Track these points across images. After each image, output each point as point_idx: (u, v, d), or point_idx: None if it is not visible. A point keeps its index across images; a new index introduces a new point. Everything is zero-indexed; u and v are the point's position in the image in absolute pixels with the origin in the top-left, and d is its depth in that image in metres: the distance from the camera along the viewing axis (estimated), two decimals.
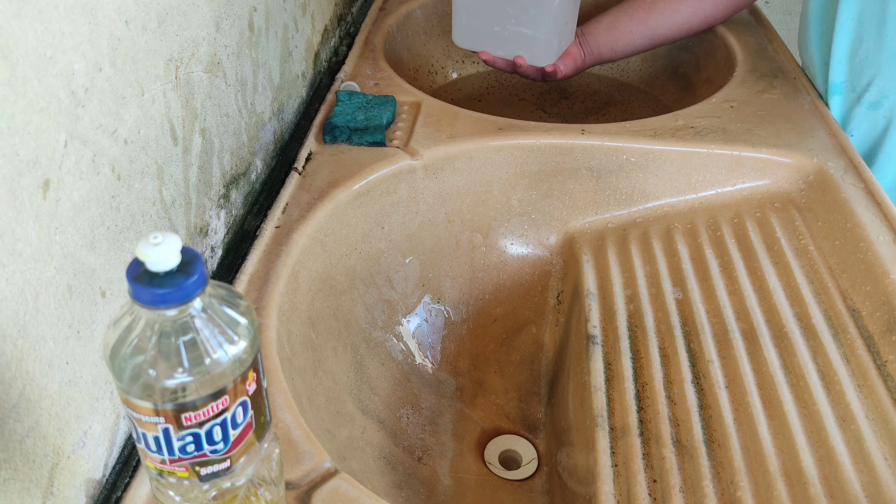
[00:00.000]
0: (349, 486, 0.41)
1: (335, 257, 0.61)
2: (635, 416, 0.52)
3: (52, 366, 0.36)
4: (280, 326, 0.51)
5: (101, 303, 0.40)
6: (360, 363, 0.61)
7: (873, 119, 0.74)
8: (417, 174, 0.66)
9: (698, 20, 0.83)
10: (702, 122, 0.71)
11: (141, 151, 0.43)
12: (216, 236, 0.55)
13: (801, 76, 0.80)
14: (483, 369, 0.70)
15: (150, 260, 0.27)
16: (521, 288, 0.72)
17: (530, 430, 0.65)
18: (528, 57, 0.79)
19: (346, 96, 0.72)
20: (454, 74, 1.00)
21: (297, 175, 0.64)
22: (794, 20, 0.88)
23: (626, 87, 1.00)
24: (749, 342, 0.55)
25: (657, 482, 0.47)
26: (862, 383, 0.50)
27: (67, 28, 0.35)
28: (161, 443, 0.30)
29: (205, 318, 0.29)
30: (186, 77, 0.48)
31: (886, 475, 0.44)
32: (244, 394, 0.31)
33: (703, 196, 0.69)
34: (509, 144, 0.68)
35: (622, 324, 0.59)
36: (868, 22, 0.70)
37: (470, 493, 0.60)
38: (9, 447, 0.33)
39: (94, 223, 0.38)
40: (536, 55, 0.78)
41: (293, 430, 0.44)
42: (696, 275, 0.62)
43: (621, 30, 0.82)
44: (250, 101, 0.60)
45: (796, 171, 0.67)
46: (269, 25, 0.63)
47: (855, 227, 0.59)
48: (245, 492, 0.34)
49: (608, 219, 0.70)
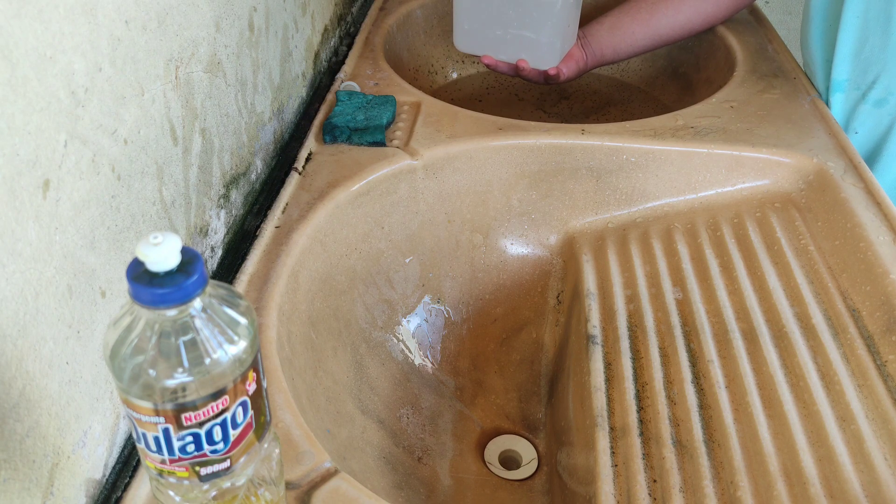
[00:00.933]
0: (349, 486, 0.41)
1: (335, 257, 0.61)
2: (635, 416, 0.52)
3: (52, 366, 0.36)
4: (280, 326, 0.51)
5: (101, 303, 0.40)
6: (360, 363, 0.61)
7: (878, 116, 0.74)
8: (417, 174, 0.66)
9: (700, 20, 0.83)
10: (702, 122, 0.71)
11: (141, 151, 0.43)
12: (216, 236, 0.55)
13: (802, 76, 0.80)
14: (483, 369, 0.70)
15: (150, 260, 0.27)
16: (521, 288, 0.72)
17: (530, 430, 0.65)
18: (531, 60, 0.79)
19: (346, 96, 0.72)
20: (454, 74, 1.00)
21: (297, 175, 0.64)
22: (794, 20, 0.88)
23: (626, 87, 1.00)
24: (749, 342, 0.55)
25: (657, 482, 0.47)
26: (862, 383, 0.50)
27: (67, 28, 0.35)
28: (161, 443, 0.30)
29: (205, 318, 0.29)
30: (186, 77, 0.48)
31: (886, 475, 0.44)
32: (244, 394, 0.31)
33: (703, 196, 0.69)
34: (509, 144, 0.68)
35: (622, 324, 0.59)
36: (874, 20, 0.70)
37: (470, 493, 0.60)
38: (9, 447, 0.33)
39: (94, 223, 0.38)
40: (539, 58, 0.78)
41: (293, 430, 0.44)
42: (696, 275, 0.62)
43: (624, 31, 0.82)
44: (250, 101, 0.60)
45: (796, 171, 0.67)
46: (269, 25, 0.63)
47: (855, 227, 0.59)
48: (245, 492, 0.34)
49: (608, 219, 0.70)
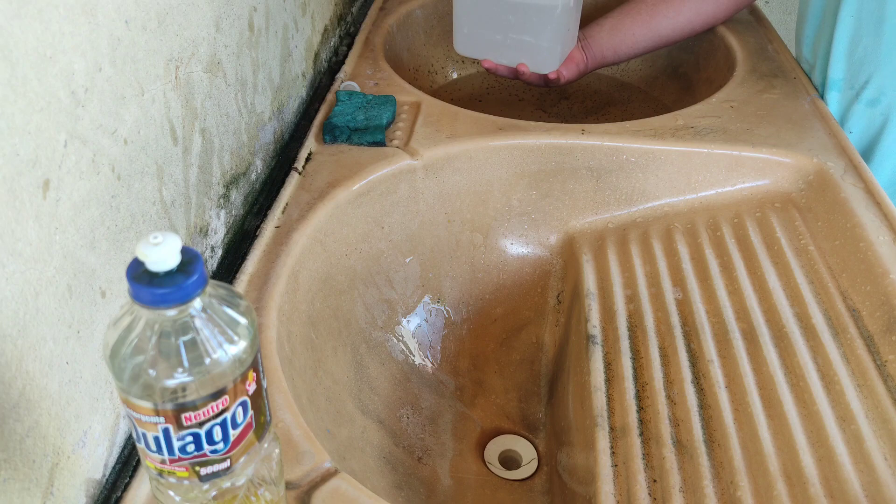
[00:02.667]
0: (349, 486, 0.41)
1: (335, 257, 0.61)
2: (635, 416, 0.52)
3: (52, 366, 0.36)
4: (280, 326, 0.51)
5: (101, 303, 0.40)
6: (360, 363, 0.61)
7: (871, 116, 0.74)
8: (417, 174, 0.66)
9: (700, 21, 0.83)
10: (702, 122, 0.71)
11: (141, 151, 0.43)
12: (216, 236, 0.55)
13: (802, 76, 0.80)
14: (483, 369, 0.70)
15: (150, 260, 0.27)
16: (521, 288, 0.72)
17: (530, 430, 0.65)
18: (531, 64, 0.78)
19: (346, 96, 0.72)
20: (454, 74, 1.00)
21: (297, 175, 0.64)
22: (794, 20, 0.88)
23: (626, 87, 1.00)
24: (749, 342, 0.55)
25: (657, 482, 0.47)
26: (862, 383, 0.50)
27: (67, 28, 0.35)
28: (161, 443, 0.30)
29: (205, 317, 0.29)
30: (186, 77, 0.48)
31: (886, 475, 0.44)
32: (244, 394, 0.31)
33: (703, 196, 0.69)
34: (509, 144, 0.68)
35: (622, 324, 0.59)
36: (867, 19, 0.70)
37: (470, 493, 0.60)
38: (9, 447, 0.33)
39: (94, 223, 0.38)
40: (539, 63, 0.78)
41: (293, 430, 0.44)
42: (696, 275, 0.62)
43: (624, 32, 0.82)
44: (250, 101, 0.60)
45: (796, 171, 0.67)
46: (269, 25, 0.63)
47: (855, 227, 0.59)
48: (245, 492, 0.34)
49: (608, 219, 0.70)
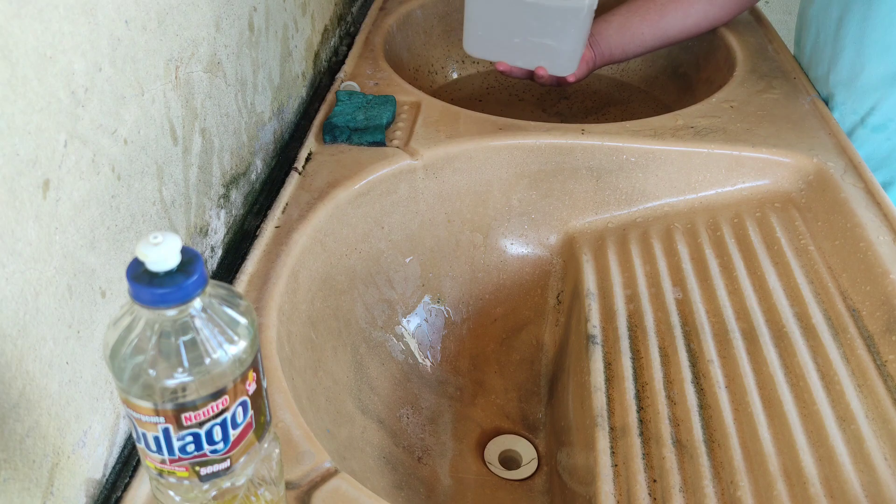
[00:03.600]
0: (349, 486, 0.41)
1: (335, 257, 0.61)
2: (635, 416, 0.52)
3: (52, 366, 0.36)
4: (280, 326, 0.51)
5: (101, 303, 0.40)
6: (360, 363, 0.61)
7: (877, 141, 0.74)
8: (417, 174, 0.66)
9: (707, 22, 0.83)
10: (702, 122, 0.71)
11: (141, 151, 0.43)
12: (216, 236, 0.55)
13: (802, 76, 0.80)
14: (483, 369, 0.70)
15: (150, 260, 0.27)
16: (521, 288, 0.72)
17: (530, 430, 0.65)
18: (550, 67, 0.77)
19: (346, 96, 0.72)
20: (454, 74, 1.00)
21: (297, 175, 0.64)
22: (794, 20, 0.88)
23: (626, 87, 1.00)
24: (749, 342, 0.55)
25: (657, 482, 0.47)
26: (862, 383, 0.50)
27: (67, 28, 0.35)
28: (161, 443, 0.30)
29: (205, 317, 0.29)
30: (186, 77, 0.48)
31: (886, 475, 0.44)
32: (244, 394, 0.31)
33: (703, 196, 0.69)
34: (509, 144, 0.68)
35: (622, 324, 0.59)
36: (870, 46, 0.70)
37: (470, 492, 0.60)
38: (9, 447, 0.33)
39: (94, 223, 0.38)
40: (559, 65, 0.76)
41: (293, 430, 0.44)
42: (696, 275, 0.62)
43: (633, 31, 0.82)
44: (250, 101, 0.60)
45: (796, 171, 0.67)
46: (269, 25, 0.63)
47: (855, 227, 0.59)
48: (245, 492, 0.34)
49: (608, 219, 0.70)
